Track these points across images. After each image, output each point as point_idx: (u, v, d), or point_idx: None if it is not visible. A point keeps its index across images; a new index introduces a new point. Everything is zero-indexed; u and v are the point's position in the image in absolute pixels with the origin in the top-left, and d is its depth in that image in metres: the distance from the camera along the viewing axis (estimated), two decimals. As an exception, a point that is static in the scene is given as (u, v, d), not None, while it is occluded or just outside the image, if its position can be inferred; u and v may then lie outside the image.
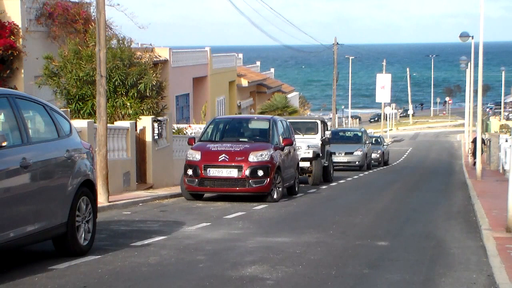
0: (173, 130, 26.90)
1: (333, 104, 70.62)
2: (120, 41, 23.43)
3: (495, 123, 70.79)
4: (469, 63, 48.17)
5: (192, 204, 18.25)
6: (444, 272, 9.79)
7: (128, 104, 22.70)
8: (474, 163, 37.98)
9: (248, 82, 56.57)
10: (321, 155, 27.13)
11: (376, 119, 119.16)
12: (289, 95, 62.93)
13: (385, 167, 45.96)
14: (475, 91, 42.81)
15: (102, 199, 16.28)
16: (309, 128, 28.19)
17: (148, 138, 22.67)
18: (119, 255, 10.33)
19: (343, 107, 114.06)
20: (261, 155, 18.74)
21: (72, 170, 9.97)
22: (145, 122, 22.62)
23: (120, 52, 22.94)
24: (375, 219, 15.91)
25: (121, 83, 22.61)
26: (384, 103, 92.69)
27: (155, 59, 26.09)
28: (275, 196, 18.95)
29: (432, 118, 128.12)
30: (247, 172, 18.46)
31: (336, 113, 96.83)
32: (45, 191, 9.29)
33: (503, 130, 62.50)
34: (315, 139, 27.59)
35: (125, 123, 21.41)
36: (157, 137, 23.13)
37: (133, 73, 22.72)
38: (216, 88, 48.54)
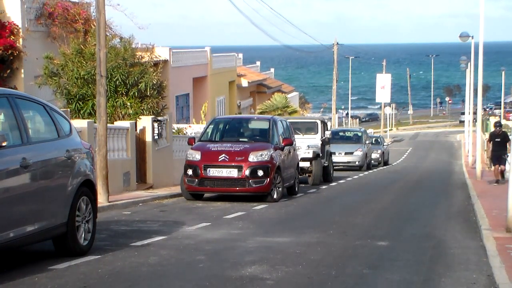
0: (173, 130, 26.91)
1: (333, 104, 70.66)
2: (124, 40, 23.43)
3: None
4: (469, 63, 48.15)
5: (192, 204, 18.25)
6: (444, 272, 9.78)
7: (128, 104, 22.71)
8: (502, 176, 26.83)
9: (248, 82, 56.57)
10: (321, 155, 27.14)
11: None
12: (289, 95, 62.94)
13: (385, 167, 45.98)
14: (475, 91, 42.77)
15: (102, 199, 16.27)
16: (309, 128, 28.19)
17: (148, 138, 22.67)
18: (119, 255, 10.33)
19: (343, 107, 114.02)
20: (261, 155, 18.75)
21: (72, 170, 9.97)
22: (145, 122, 22.62)
23: (124, 51, 22.96)
24: (375, 219, 15.91)
25: (122, 83, 22.63)
26: (384, 103, 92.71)
27: (155, 59, 26.10)
28: (275, 196, 18.95)
29: (432, 118, 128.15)
30: (247, 172, 18.46)
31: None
32: (45, 191, 9.29)
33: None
34: (315, 139, 27.59)
35: (125, 123, 21.41)
36: (157, 137, 23.13)
37: (135, 72, 22.74)
38: (216, 88, 48.54)
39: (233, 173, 18.53)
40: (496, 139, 27.06)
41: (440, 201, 21.01)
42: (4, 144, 8.59)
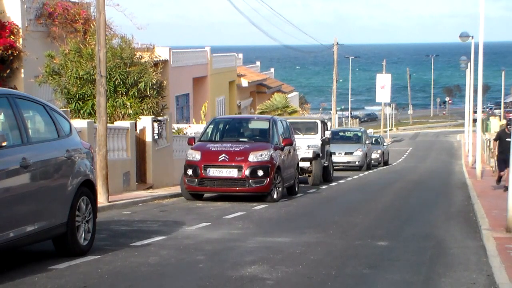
0: (173, 130, 26.91)
1: (333, 104, 70.62)
2: (121, 40, 23.44)
3: (495, 123, 70.77)
4: (469, 63, 48.15)
5: (192, 204, 18.25)
6: (444, 272, 9.78)
7: (128, 104, 22.72)
8: (499, 181, 23.94)
9: (248, 82, 56.57)
10: (321, 155, 27.14)
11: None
12: (289, 95, 62.95)
13: (385, 167, 45.97)
14: (475, 91, 42.76)
15: (102, 199, 16.28)
16: (309, 128, 28.20)
17: (148, 138, 22.67)
18: (119, 255, 10.33)
19: (342, 107, 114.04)
20: (261, 155, 18.74)
21: (72, 170, 9.97)
22: (145, 122, 22.62)
23: (121, 51, 22.96)
24: (375, 219, 15.91)
25: (121, 83, 22.63)
26: (384, 103, 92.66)
27: (155, 59, 26.09)
28: (275, 196, 18.95)
29: (432, 118, 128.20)
30: (247, 172, 18.46)
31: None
32: (45, 191, 9.29)
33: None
34: (315, 139, 27.60)
35: (125, 123, 21.41)
36: (157, 137, 23.13)
37: (134, 72, 22.74)
38: (216, 88, 48.54)
39: (233, 173, 18.53)
40: (507, 139, 21.94)
41: (440, 201, 21.00)
42: (4, 144, 8.59)
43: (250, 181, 18.49)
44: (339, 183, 27.89)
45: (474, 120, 52.40)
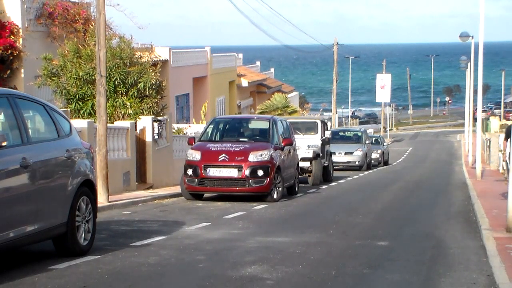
0: (173, 130, 26.92)
1: (333, 104, 70.63)
2: (121, 40, 23.44)
3: (495, 123, 70.75)
4: (469, 63, 48.15)
5: (192, 204, 18.25)
6: (444, 272, 9.78)
7: (128, 104, 22.72)
8: None
9: (248, 82, 56.58)
10: (321, 155, 27.14)
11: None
12: (289, 95, 62.95)
13: (385, 167, 45.98)
14: (475, 91, 42.73)
15: (102, 199, 16.28)
16: (309, 128, 28.19)
17: (148, 138, 22.68)
18: (119, 255, 10.33)
19: (342, 107, 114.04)
20: (261, 155, 18.75)
21: (72, 170, 9.97)
22: (145, 122, 22.63)
23: (120, 51, 22.97)
24: (375, 219, 15.90)
25: (121, 83, 22.64)
26: (384, 103, 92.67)
27: (154, 59, 26.11)
28: (275, 196, 18.95)
29: (432, 118, 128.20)
30: (247, 172, 18.46)
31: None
32: (45, 191, 9.29)
33: (503, 130, 62.27)
34: (315, 139, 27.60)
35: (125, 123, 21.42)
36: (157, 137, 23.14)
37: (133, 72, 22.75)
38: (216, 88, 48.55)
39: (233, 173, 18.53)
40: None
41: (440, 201, 21.00)
42: (4, 144, 8.59)
43: (250, 181, 18.49)
44: (339, 183, 27.89)
45: (474, 119, 52.42)
